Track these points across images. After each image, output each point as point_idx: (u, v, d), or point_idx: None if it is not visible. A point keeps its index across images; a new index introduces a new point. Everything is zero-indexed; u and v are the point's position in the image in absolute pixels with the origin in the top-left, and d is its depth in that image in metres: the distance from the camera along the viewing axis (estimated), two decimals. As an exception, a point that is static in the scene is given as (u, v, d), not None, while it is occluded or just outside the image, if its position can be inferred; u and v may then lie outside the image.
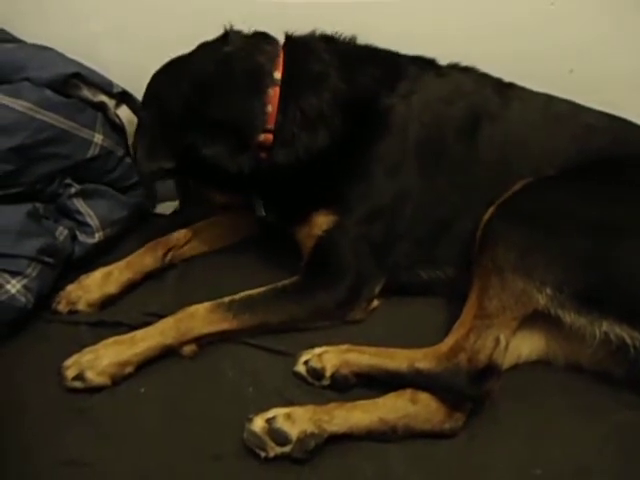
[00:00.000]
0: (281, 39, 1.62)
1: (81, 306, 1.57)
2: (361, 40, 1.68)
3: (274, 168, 1.54)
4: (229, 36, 1.57)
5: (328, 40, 1.64)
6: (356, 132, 1.55)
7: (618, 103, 1.68)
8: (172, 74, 1.57)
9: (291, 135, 1.52)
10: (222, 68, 1.52)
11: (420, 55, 1.69)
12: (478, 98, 1.63)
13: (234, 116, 1.50)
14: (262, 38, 1.60)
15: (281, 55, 1.55)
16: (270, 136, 1.52)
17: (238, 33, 1.59)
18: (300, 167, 1.54)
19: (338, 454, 1.24)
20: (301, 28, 1.66)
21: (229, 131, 1.50)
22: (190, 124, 1.50)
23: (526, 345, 1.43)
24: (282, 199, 1.63)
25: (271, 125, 1.51)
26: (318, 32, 1.65)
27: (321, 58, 1.58)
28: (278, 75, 1.52)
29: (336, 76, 1.56)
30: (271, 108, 1.51)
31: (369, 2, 1.82)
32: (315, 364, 1.37)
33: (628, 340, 1.29)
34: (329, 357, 1.38)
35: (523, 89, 1.68)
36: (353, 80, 1.57)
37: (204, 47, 1.60)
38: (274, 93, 1.51)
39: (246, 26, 1.61)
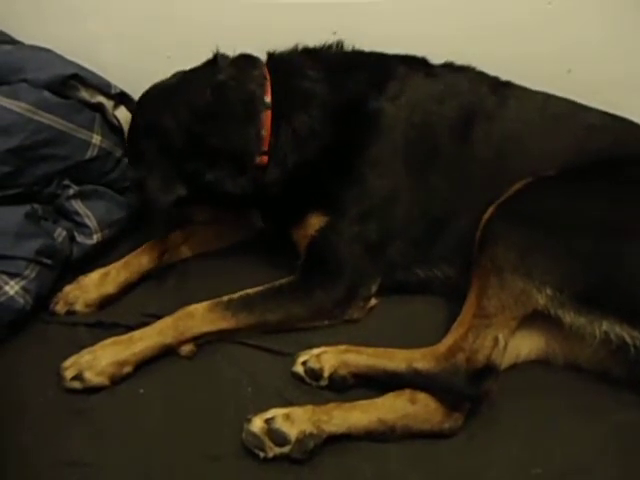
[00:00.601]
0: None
1: (79, 307, 1.57)
2: (360, 42, 1.68)
3: (269, 184, 1.58)
4: (218, 61, 1.61)
5: (311, 53, 1.66)
6: (347, 137, 1.58)
7: (616, 104, 1.68)
8: (169, 103, 1.57)
9: (284, 155, 1.56)
10: (218, 98, 1.55)
11: (410, 54, 1.69)
12: (472, 96, 1.63)
13: (234, 144, 1.54)
14: (249, 63, 1.63)
15: (268, 78, 1.58)
16: (265, 157, 1.56)
17: (226, 58, 1.63)
18: (294, 179, 1.58)
19: (337, 454, 1.24)
20: (299, 30, 1.66)
21: (230, 157, 1.55)
22: (193, 153, 1.55)
23: (525, 345, 1.43)
24: (277, 208, 1.66)
25: (266, 147, 1.55)
26: (300, 46, 1.67)
27: (307, 75, 1.60)
28: (268, 99, 1.56)
29: (323, 89, 1.58)
30: (265, 132, 1.55)
31: (368, 3, 1.82)
32: (313, 364, 1.37)
33: (628, 339, 1.29)
34: (327, 358, 1.38)
35: (520, 88, 1.68)
36: (340, 89, 1.59)
37: (196, 73, 1.62)
38: (266, 117, 1.55)
39: (243, 31, 1.63)
